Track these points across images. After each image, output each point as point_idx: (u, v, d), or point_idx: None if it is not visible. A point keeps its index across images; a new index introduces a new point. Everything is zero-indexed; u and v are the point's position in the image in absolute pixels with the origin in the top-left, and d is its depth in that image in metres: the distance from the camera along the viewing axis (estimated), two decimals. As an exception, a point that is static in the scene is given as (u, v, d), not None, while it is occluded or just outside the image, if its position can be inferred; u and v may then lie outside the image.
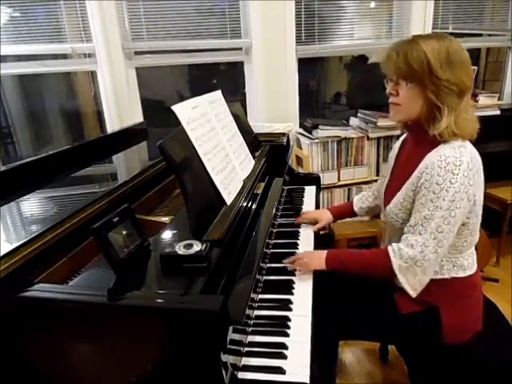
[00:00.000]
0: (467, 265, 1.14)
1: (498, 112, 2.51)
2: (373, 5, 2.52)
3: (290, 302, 1.07)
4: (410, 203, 1.12)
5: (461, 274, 1.13)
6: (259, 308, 1.05)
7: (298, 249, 1.35)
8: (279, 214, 1.59)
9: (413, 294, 1.10)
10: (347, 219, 2.39)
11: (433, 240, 1.04)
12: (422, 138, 1.10)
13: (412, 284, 1.09)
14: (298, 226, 1.51)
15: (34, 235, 0.82)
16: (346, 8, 2.47)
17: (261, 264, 1.13)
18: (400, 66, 1.06)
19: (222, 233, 0.93)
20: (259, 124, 2.07)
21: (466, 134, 1.06)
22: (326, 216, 1.52)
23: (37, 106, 2.64)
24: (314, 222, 1.51)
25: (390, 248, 1.11)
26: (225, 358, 0.73)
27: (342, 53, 2.69)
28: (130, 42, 2.21)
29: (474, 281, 1.16)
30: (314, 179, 1.94)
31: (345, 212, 1.57)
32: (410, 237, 1.07)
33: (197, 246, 0.83)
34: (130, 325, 0.74)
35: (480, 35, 2.73)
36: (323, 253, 1.20)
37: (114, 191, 1.09)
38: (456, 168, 1.00)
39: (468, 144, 1.07)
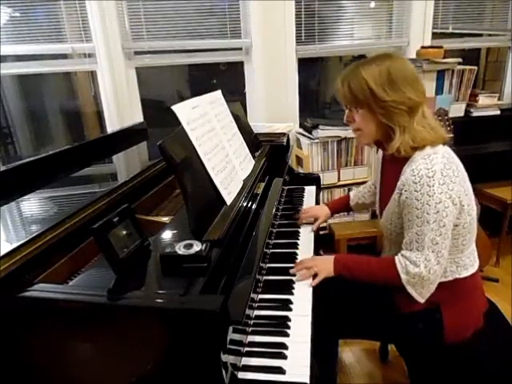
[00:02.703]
0: (469, 263, 1.14)
1: (498, 112, 2.51)
2: (373, 5, 2.52)
3: (290, 302, 1.07)
4: (398, 218, 1.13)
5: (464, 274, 1.13)
6: (259, 308, 1.05)
7: (297, 249, 1.35)
8: (279, 214, 1.59)
9: (422, 301, 1.10)
10: (347, 219, 2.43)
11: (432, 253, 1.04)
12: (392, 154, 1.11)
13: (420, 293, 1.09)
14: (298, 225, 1.51)
15: (34, 235, 0.82)
16: (346, 8, 2.47)
17: (261, 264, 1.13)
18: (346, 95, 1.10)
19: (222, 233, 0.93)
20: (259, 124, 2.07)
21: (427, 144, 1.06)
22: (324, 212, 1.54)
23: (37, 106, 2.65)
24: (313, 220, 1.52)
25: (397, 261, 1.11)
26: (225, 357, 0.73)
27: (342, 53, 2.68)
28: (130, 41, 2.21)
29: (475, 280, 1.17)
30: (314, 179, 1.93)
31: (341, 206, 1.60)
32: (409, 254, 1.08)
33: (197, 246, 0.82)
34: (130, 325, 0.74)
35: (480, 35, 2.73)
36: (331, 259, 1.19)
37: (114, 191, 1.09)
38: (430, 180, 1.01)
39: (439, 148, 1.07)
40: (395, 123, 1.06)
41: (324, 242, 2.33)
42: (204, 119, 1.16)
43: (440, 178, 1.01)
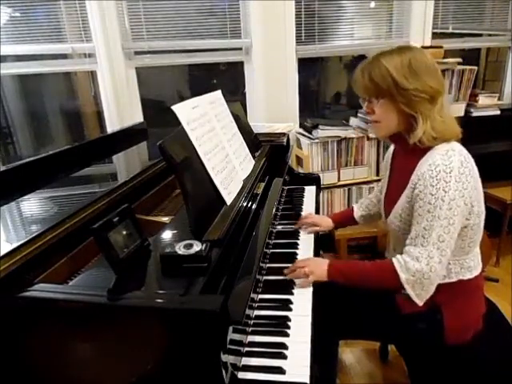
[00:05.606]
0: (473, 265, 1.14)
1: (498, 112, 2.51)
2: (373, 5, 2.52)
3: (289, 302, 1.07)
4: (408, 214, 1.12)
5: (467, 276, 1.13)
6: (259, 308, 1.05)
7: (297, 249, 1.35)
8: (279, 214, 1.59)
9: (420, 303, 1.09)
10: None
11: (436, 250, 1.03)
12: (409, 147, 1.10)
13: (419, 295, 1.08)
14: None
15: (34, 235, 0.82)
16: (346, 8, 2.47)
17: (261, 264, 1.13)
18: (367, 86, 1.09)
19: (222, 233, 0.93)
20: (259, 124, 2.07)
21: (446, 136, 1.06)
22: (325, 222, 1.52)
23: (37, 106, 2.65)
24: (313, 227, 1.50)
25: (395, 261, 1.09)
26: (225, 357, 0.73)
27: (342, 53, 2.69)
28: (130, 41, 2.21)
29: (477, 282, 1.16)
30: (314, 179, 1.94)
31: (346, 220, 1.56)
32: (413, 249, 1.06)
33: (197, 246, 0.82)
34: (130, 325, 0.74)
35: (480, 35, 2.73)
36: (325, 263, 1.17)
37: (114, 191, 1.09)
38: (447, 175, 1.00)
39: (456, 145, 1.07)
40: (417, 111, 1.05)
41: (324, 242, 2.33)
42: (204, 119, 1.16)
43: (457, 176, 1.00)
